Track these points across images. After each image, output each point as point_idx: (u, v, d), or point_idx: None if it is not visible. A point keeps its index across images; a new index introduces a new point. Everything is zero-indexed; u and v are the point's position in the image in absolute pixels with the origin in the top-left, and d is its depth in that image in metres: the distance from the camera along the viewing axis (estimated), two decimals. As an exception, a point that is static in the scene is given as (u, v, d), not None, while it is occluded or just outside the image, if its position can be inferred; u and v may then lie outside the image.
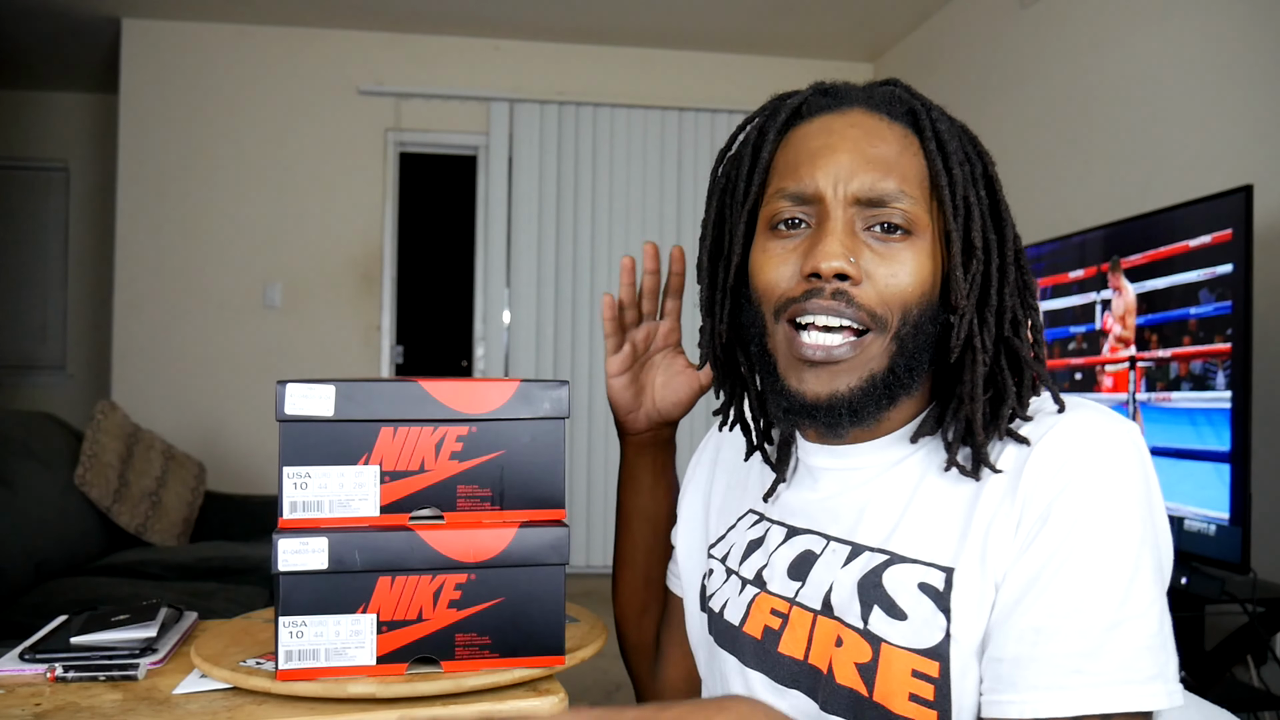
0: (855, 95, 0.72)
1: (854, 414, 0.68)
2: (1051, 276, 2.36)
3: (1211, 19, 2.45)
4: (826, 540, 0.71)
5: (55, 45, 4.31)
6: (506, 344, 4.39)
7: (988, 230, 0.68)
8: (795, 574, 0.72)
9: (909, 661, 0.62)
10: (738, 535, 0.80)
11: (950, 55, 3.84)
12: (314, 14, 4.09)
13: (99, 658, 0.79)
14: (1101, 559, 0.58)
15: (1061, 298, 2.30)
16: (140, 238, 4.12)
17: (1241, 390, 1.71)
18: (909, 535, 0.66)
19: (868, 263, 0.66)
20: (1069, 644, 0.57)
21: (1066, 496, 0.59)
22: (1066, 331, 2.28)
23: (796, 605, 0.70)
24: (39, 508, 2.45)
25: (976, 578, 0.61)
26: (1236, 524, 1.71)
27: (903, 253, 0.66)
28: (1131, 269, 2.05)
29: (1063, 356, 2.28)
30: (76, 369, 4.94)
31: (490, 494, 0.77)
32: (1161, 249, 1.95)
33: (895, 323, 0.66)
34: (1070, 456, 0.61)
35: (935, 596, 0.62)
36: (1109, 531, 0.59)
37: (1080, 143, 2.97)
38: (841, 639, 0.66)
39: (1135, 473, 0.60)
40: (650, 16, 4.08)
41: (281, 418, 0.73)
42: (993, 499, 0.63)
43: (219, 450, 3.96)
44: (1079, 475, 0.60)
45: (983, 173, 0.70)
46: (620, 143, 4.40)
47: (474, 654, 0.75)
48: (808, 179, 0.68)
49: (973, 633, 0.61)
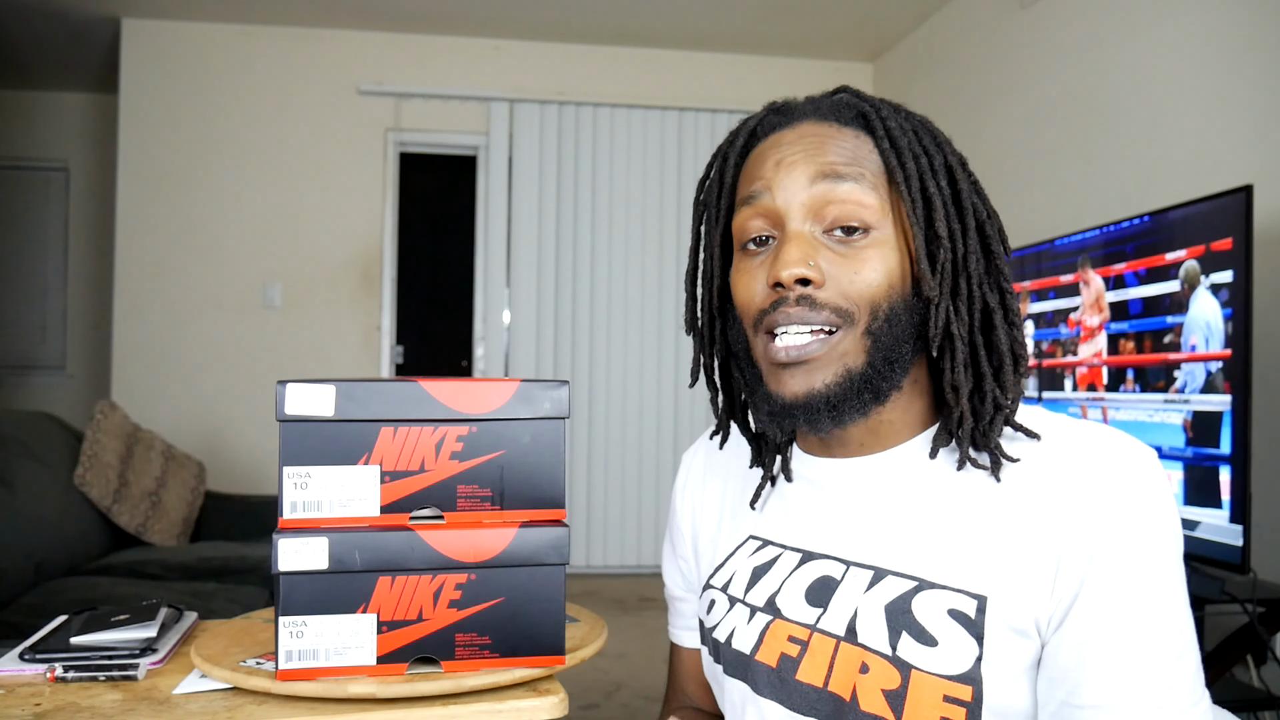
0: (804, 109, 0.74)
1: (833, 410, 0.68)
2: (1050, 279, 2.36)
3: (1211, 19, 2.45)
4: (846, 565, 0.70)
5: (55, 45, 4.31)
6: (506, 344, 4.39)
7: (950, 219, 0.69)
8: (814, 600, 0.70)
9: (940, 688, 0.61)
10: (739, 562, 0.79)
11: (950, 55, 3.84)
12: (314, 14, 4.09)
13: (99, 658, 0.79)
14: (1160, 593, 0.60)
15: (1064, 298, 2.30)
16: (140, 238, 4.12)
17: (1242, 391, 1.71)
18: (937, 560, 0.66)
19: (830, 265, 0.68)
20: (1150, 684, 0.59)
21: (1116, 533, 0.60)
22: (1056, 334, 2.28)
23: (818, 632, 0.69)
24: (39, 508, 2.45)
25: (1011, 606, 0.62)
26: (1236, 524, 1.71)
27: (865, 251, 0.68)
28: (1131, 269, 2.05)
29: (1063, 357, 2.28)
30: (76, 369, 4.94)
31: (490, 494, 0.77)
32: (1161, 252, 1.95)
33: (865, 319, 0.68)
34: (1111, 489, 0.61)
35: (967, 623, 0.62)
36: (1160, 563, 0.60)
37: (1080, 143, 2.97)
38: (867, 665, 0.65)
39: (1167, 498, 0.62)
40: (650, 16, 4.08)
41: (282, 418, 0.73)
42: (1027, 525, 0.63)
43: (219, 450, 3.97)
44: (1126, 510, 0.61)
45: (943, 163, 0.71)
46: (620, 143, 4.40)
47: (474, 654, 0.75)
48: (765, 195, 0.71)
49: (1008, 657, 0.61)
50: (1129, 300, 2.06)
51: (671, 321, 4.42)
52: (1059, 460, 0.64)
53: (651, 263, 4.40)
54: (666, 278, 4.41)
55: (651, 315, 4.41)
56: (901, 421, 0.71)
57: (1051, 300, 2.34)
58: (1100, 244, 2.17)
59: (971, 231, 0.70)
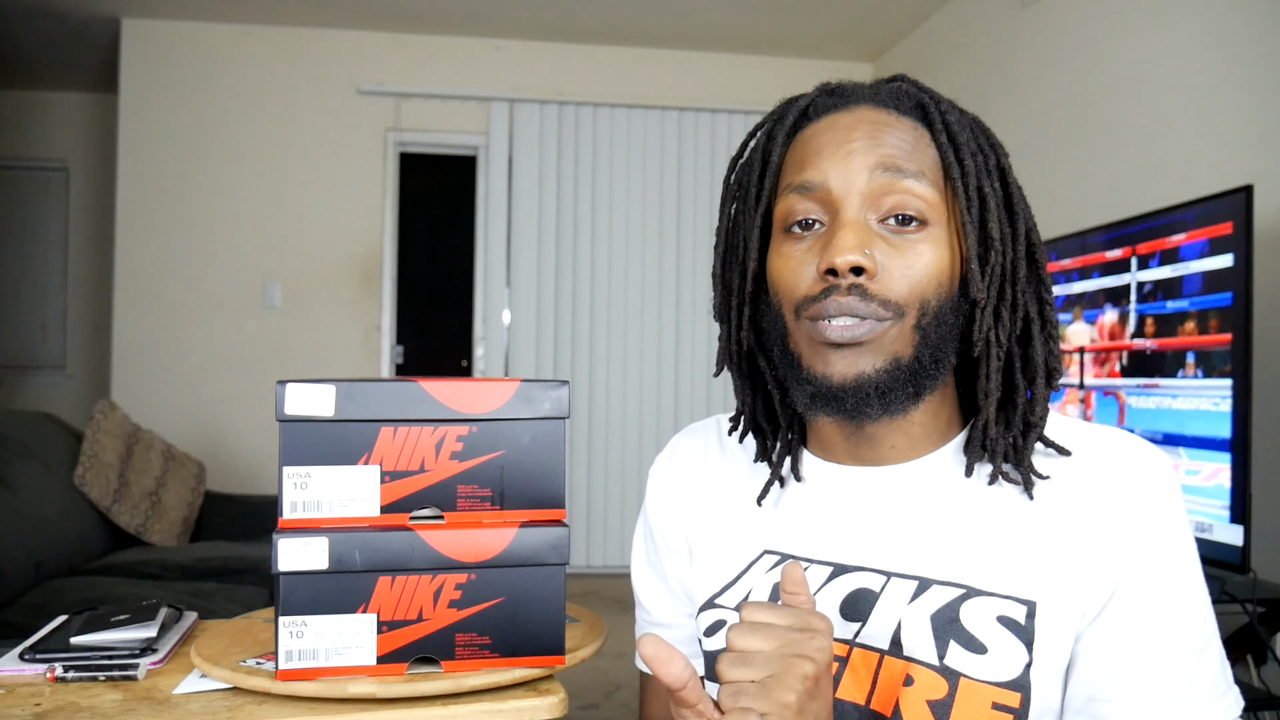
0: (862, 93, 0.71)
1: (882, 397, 0.65)
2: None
3: (1211, 19, 2.45)
4: (886, 576, 0.68)
5: (55, 45, 4.31)
6: (506, 344, 4.39)
7: (1003, 223, 0.68)
8: (851, 614, 0.68)
9: (989, 695, 0.61)
10: (755, 579, 0.74)
11: (950, 55, 3.84)
12: (314, 14, 4.09)
13: (99, 658, 0.79)
14: (1183, 590, 0.62)
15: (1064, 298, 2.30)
16: (140, 238, 4.12)
17: (1242, 391, 1.71)
18: (982, 567, 0.65)
19: (883, 255, 0.65)
20: (1172, 678, 0.60)
21: (1146, 535, 0.63)
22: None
23: (858, 646, 0.67)
24: (39, 508, 2.45)
25: (1060, 609, 0.63)
26: (1236, 524, 1.71)
27: (919, 244, 0.66)
28: (1131, 270, 2.05)
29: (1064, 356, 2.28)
30: (76, 369, 4.93)
31: (490, 494, 0.76)
32: (1162, 246, 1.95)
33: (915, 313, 0.65)
34: (1140, 493, 0.64)
35: (1016, 629, 0.62)
36: (1182, 561, 0.63)
37: (1080, 143, 2.97)
38: (912, 677, 0.63)
39: (1182, 500, 0.65)
40: (650, 16, 4.08)
41: (281, 418, 0.73)
42: (1066, 531, 0.64)
43: (219, 450, 3.96)
44: (1153, 513, 0.63)
45: (995, 164, 0.69)
46: (620, 143, 4.40)
47: (474, 654, 0.75)
48: (817, 175, 0.67)
49: (1054, 660, 0.62)
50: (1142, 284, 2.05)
51: (671, 321, 4.42)
52: (1089, 467, 0.65)
53: (651, 263, 4.40)
54: (666, 278, 4.41)
55: (651, 315, 4.40)
56: (931, 425, 0.70)
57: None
58: (1101, 246, 2.18)
59: (1021, 237, 0.68)
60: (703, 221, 4.44)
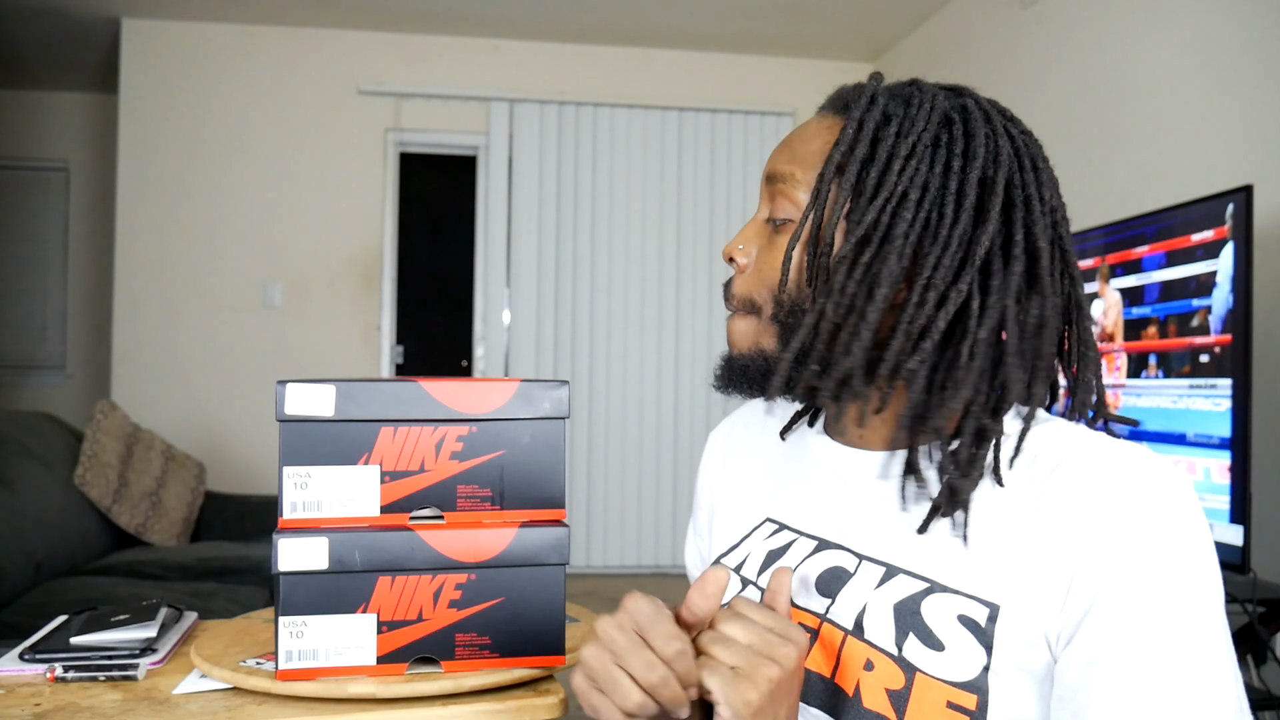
0: (833, 99, 0.73)
1: (763, 380, 0.70)
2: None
3: (1211, 19, 2.45)
4: (859, 559, 0.69)
5: (55, 45, 4.31)
6: (506, 344, 4.39)
7: (873, 226, 0.66)
8: (824, 589, 0.69)
9: (944, 693, 0.60)
10: (754, 544, 0.77)
11: (950, 55, 3.84)
12: (314, 14, 4.09)
13: (99, 658, 0.79)
14: (1178, 626, 0.56)
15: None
16: (140, 238, 4.12)
17: (1242, 392, 1.71)
18: (950, 563, 0.64)
19: (758, 253, 0.72)
20: (1159, 717, 0.55)
21: (1132, 556, 0.57)
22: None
23: (827, 621, 0.68)
24: (39, 508, 2.45)
25: (1023, 617, 0.60)
26: (1236, 524, 1.71)
27: (779, 241, 0.70)
28: (1130, 269, 2.05)
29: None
30: (76, 369, 4.94)
31: (490, 494, 0.76)
32: (1162, 247, 1.95)
33: (769, 308, 0.70)
34: (1132, 511, 0.58)
35: (976, 630, 0.61)
36: (1181, 595, 0.57)
37: (1080, 143, 2.97)
38: (872, 663, 0.64)
39: (1197, 533, 0.58)
40: (650, 16, 4.08)
41: (281, 418, 0.73)
42: (1044, 537, 0.60)
43: (219, 450, 3.96)
44: (1145, 535, 0.57)
45: (946, 164, 0.67)
46: (620, 143, 4.40)
47: (474, 654, 0.75)
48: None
49: (1017, 669, 0.60)
50: (1146, 285, 2.05)
51: (671, 321, 4.42)
52: (1082, 476, 0.61)
53: (651, 262, 4.40)
54: (666, 277, 4.41)
55: (651, 315, 4.40)
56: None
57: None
58: (1101, 247, 2.18)
59: (954, 246, 0.66)
60: (702, 221, 4.44)
